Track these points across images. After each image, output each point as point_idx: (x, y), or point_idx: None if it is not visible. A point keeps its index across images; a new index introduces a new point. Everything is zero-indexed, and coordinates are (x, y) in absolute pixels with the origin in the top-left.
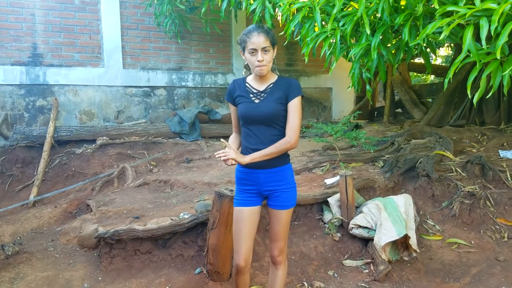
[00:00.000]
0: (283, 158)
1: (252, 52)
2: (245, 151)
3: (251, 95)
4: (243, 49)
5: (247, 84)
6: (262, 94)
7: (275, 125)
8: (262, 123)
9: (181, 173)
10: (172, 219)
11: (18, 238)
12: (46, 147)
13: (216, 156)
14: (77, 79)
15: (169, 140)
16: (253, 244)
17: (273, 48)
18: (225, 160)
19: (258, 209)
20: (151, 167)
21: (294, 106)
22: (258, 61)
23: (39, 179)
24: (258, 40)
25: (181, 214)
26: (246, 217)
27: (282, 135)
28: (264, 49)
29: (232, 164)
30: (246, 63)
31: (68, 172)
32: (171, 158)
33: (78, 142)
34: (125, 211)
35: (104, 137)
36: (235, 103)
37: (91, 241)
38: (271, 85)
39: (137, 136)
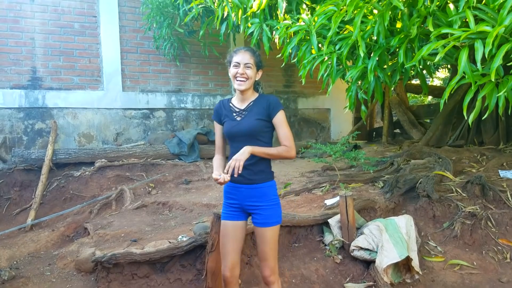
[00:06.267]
0: (265, 174)
1: (236, 66)
2: None
3: (234, 114)
4: (229, 64)
5: (230, 104)
6: (244, 112)
7: (258, 141)
8: (245, 139)
9: (180, 195)
10: (170, 242)
11: (15, 262)
12: (45, 170)
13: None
14: (76, 102)
15: (168, 161)
16: (239, 257)
17: (257, 70)
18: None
19: (242, 224)
20: (150, 189)
21: (280, 120)
22: (238, 73)
23: (37, 202)
24: (243, 56)
25: (180, 236)
26: (229, 231)
27: None
28: (246, 65)
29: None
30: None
31: (66, 195)
32: (169, 180)
33: (76, 164)
34: (122, 234)
35: (103, 160)
36: (221, 122)
37: (88, 265)
38: (251, 103)
39: (136, 158)
